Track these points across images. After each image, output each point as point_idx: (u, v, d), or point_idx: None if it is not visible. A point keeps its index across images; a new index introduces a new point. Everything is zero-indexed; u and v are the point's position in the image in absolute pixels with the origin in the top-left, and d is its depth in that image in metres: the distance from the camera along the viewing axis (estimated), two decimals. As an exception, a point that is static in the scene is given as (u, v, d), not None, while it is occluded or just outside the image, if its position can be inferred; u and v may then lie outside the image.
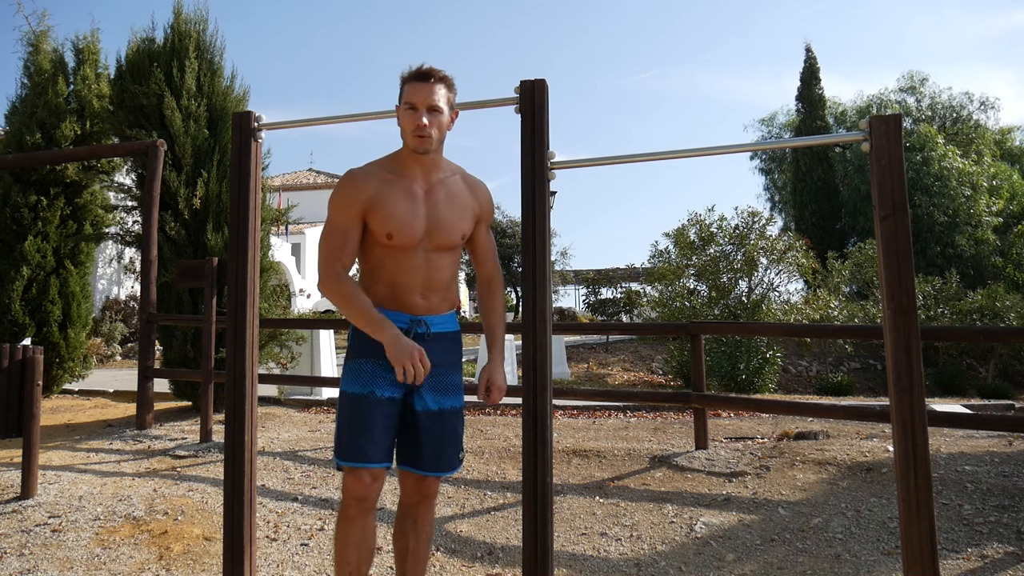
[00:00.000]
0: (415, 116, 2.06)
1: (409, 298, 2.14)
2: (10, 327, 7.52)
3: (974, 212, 21.68)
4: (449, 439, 2.16)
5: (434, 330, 2.16)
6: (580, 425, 6.00)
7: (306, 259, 26.74)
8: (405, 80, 2.12)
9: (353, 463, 2.05)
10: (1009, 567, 2.84)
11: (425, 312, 2.15)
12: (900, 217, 1.82)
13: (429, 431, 2.13)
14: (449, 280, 2.21)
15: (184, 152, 6.91)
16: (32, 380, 3.92)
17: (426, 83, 2.07)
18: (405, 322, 2.12)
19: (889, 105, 27.49)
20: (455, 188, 2.20)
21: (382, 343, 2.01)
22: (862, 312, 13.79)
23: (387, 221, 2.09)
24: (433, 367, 2.08)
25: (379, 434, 2.06)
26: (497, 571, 2.96)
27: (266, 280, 7.26)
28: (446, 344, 2.20)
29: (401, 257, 2.12)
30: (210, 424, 5.47)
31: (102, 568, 2.98)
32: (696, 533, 3.33)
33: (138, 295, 8.06)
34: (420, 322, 2.14)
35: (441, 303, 2.19)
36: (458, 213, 2.17)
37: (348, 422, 2.08)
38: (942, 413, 5.29)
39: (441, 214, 2.13)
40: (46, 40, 8.56)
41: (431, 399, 2.14)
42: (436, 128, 2.08)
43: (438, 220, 2.13)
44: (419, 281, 2.14)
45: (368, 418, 2.06)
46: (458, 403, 2.20)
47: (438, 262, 2.16)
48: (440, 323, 2.19)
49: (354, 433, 2.06)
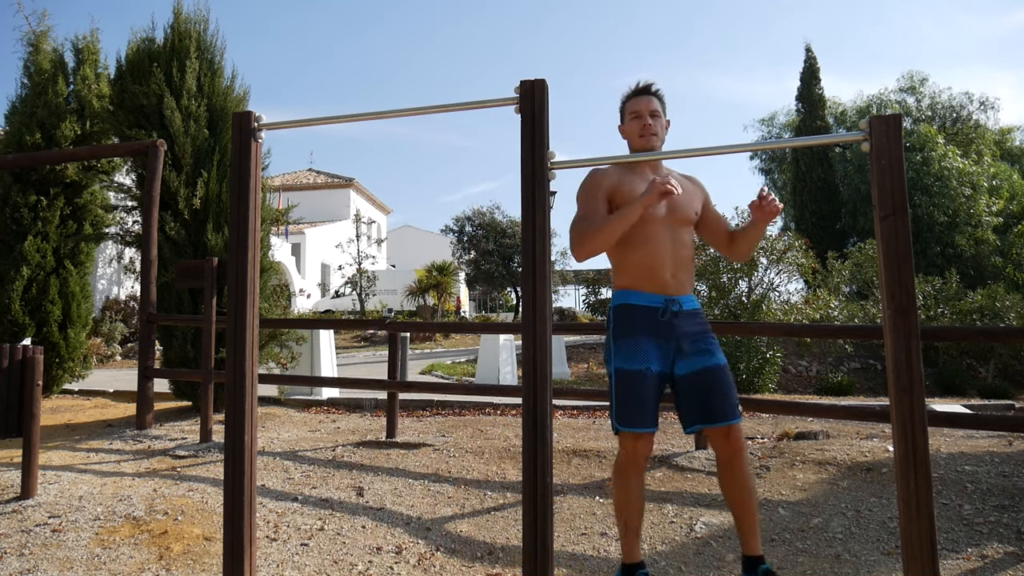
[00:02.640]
0: (641, 120, 2.49)
1: (661, 277, 2.42)
2: (10, 327, 7.52)
3: (974, 212, 21.68)
4: (725, 390, 2.38)
5: (686, 308, 2.45)
6: (580, 425, 6.00)
7: (306, 259, 26.74)
8: (627, 98, 2.57)
9: (630, 428, 2.36)
10: (1009, 567, 2.84)
11: (676, 292, 2.44)
12: (900, 217, 1.82)
13: (707, 386, 2.38)
14: (691, 259, 2.52)
15: (184, 152, 6.91)
16: (32, 380, 3.91)
17: (646, 96, 2.53)
18: (660, 302, 2.41)
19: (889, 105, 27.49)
20: (682, 179, 2.55)
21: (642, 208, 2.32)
22: (862, 312, 13.79)
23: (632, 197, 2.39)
24: (690, 335, 2.41)
25: (649, 404, 2.37)
26: (497, 571, 2.96)
27: (266, 280, 7.26)
28: (696, 318, 2.48)
29: (649, 235, 2.41)
30: (210, 424, 5.47)
31: (102, 568, 2.98)
32: (696, 533, 3.33)
33: (138, 295, 8.06)
34: (674, 301, 2.42)
35: (687, 283, 2.48)
36: (689, 194, 2.52)
37: (628, 393, 2.38)
38: (942, 413, 5.28)
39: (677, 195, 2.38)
40: (46, 40, 8.55)
41: (697, 360, 2.40)
42: (659, 129, 2.49)
43: (674, 199, 2.39)
44: (668, 259, 2.42)
45: (644, 389, 2.36)
46: (723, 360, 2.44)
47: (683, 238, 2.47)
48: (688, 301, 2.47)
49: (634, 403, 2.37)
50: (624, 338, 2.42)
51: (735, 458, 2.38)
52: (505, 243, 24.11)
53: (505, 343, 9.51)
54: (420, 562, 3.04)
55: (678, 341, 2.41)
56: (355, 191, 32.78)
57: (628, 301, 2.46)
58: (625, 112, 2.57)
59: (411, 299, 23.70)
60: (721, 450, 2.41)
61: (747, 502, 2.39)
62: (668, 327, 2.41)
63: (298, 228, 25.57)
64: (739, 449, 2.38)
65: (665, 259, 2.42)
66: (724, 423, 2.36)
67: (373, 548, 3.19)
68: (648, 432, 2.37)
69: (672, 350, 2.41)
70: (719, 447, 2.42)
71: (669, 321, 2.41)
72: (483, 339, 9.61)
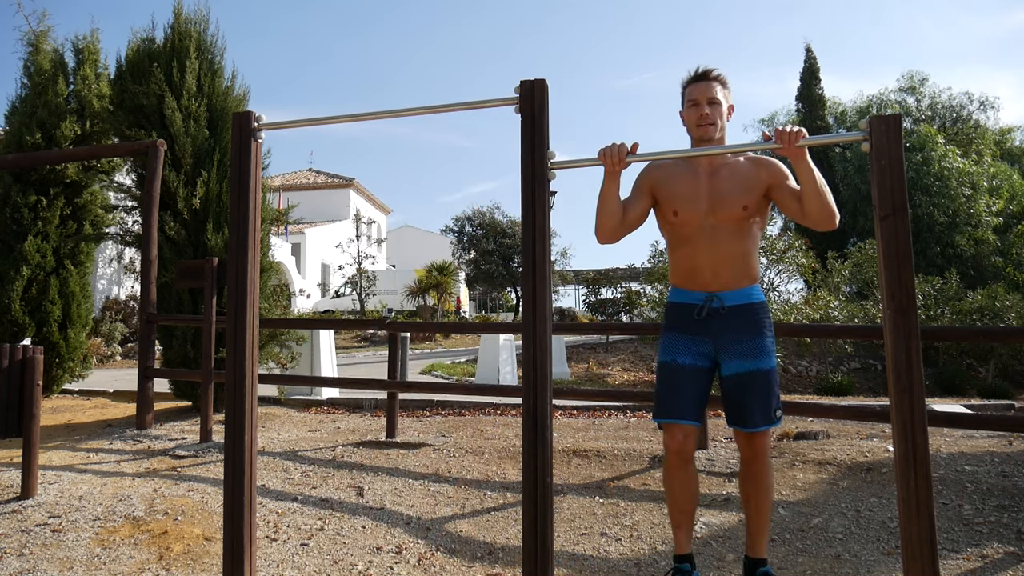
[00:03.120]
0: (698, 109, 2.39)
1: (702, 276, 2.39)
2: (10, 327, 7.52)
3: (974, 212, 21.67)
4: (760, 397, 2.35)
5: (729, 304, 2.37)
6: (580, 425, 6.00)
7: (306, 259, 26.74)
8: (686, 84, 2.46)
9: (664, 419, 2.36)
10: (1009, 567, 2.84)
11: (719, 288, 2.38)
12: (900, 217, 1.82)
13: (745, 390, 2.35)
14: (741, 253, 2.39)
15: (184, 152, 6.91)
16: (32, 380, 3.91)
17: (705, 81, 2.41)
18: (700, 299, 2.39)
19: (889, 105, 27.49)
20: (739, 167, 2.40)
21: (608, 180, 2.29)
22: (862, 312, 13.79)
23: (671, 199, 2.39)
24: (733, 334, 2.36)
25: (684, 396, 2.35)
26: (497, 571, 2.96)
27: (266, 280, 7.26)
28: (746, 316, 2.38)
29: (688, 235, 2.39)
30: (210, 424, 5.47)
31: (102, 568, 2.98)
32: (696, 533, 3.33)
33: (138, 295, 8.06)
34: (714, 297, 2.37)
35: (736, 278, 2.38)
36: (739, 187, 2.36)
37: (660, 385, 2.42)
38: (942, 413, 5.28)
39: (722, 188, 2.35)
40: (46, 40, 8.55)
41: (737, 363, 2.36)
42: (718, 117, 2.38)
43: (719, 194, 2.34)
44: (708, 258, 2.37)
45: (674, 381, 2.38)
46: (766, 364, 2.37)
47: (724, 235, 2.36)
48: (736, 297, 2.38)
49: (664, 395, 2.39)
50: (665, 332, 2.47)
51: (755, 461, 2.40)
52: (505, 243, 24.10)
53: (505, 343, 9.51)
54: (420, 562, 3.04)
55: (718, 339, 2.38)
56: (355, 191, 32.78)
57: (671, 299, 2.51)
58: (684, 98, 2.48)
59: (411, 299, 23.70)
60: (743, 452, 2.44)
61: (760, 505, 2.41)
62: (704, 324, 2.39)
63: (298, 228, 25.56)
64: (760, 454, 2.39)
65: (704, 258, 2.38)
66: (749, 429, 2.36)
67: (373, 548, 3.19)
68: (676, 424, 2.34)
69: (711, 347, 2.40)
70: (742, 449, 2.45)
71: (707, 319, 2.39)
72: (483, 339, 9.61)
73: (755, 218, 2.40)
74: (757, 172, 2.39)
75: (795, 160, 2.16)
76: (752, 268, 2.42)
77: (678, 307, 2.46)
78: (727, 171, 2.39)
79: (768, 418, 2.36)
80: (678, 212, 2.39)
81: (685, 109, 2.45)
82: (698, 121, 2.38)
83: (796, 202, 2.31)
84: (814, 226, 2.32)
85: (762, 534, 2.44)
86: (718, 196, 2.35)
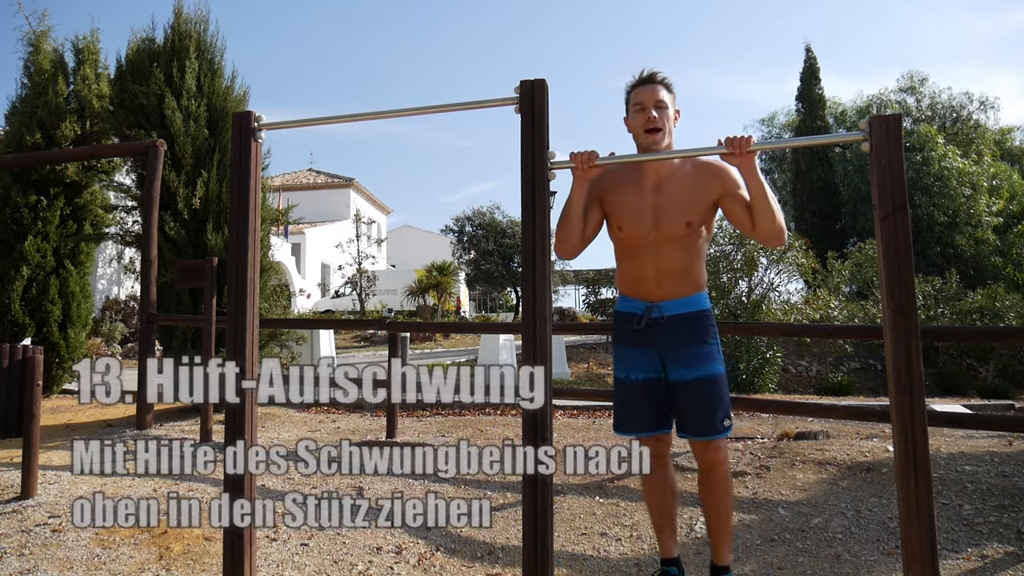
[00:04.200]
0: (644, 113, 2.30)
1: (645, 286, 2.36)
2: (10, 327, 7.52)
3: (974, 212, 21.68)
4: (709, 405, 2.29)
5: (669, 313, 2.33)
6: (580, 425, 6.00)
7: (306, 259, 26.74)
8: (631, 87, 2.38)
9: (623, 433, 2.39)
10: (1009, 567, 2.84)
11: (661, 298, 2.34)
12: (900, 217, 1.82)
13: (688, 400, 2.32)
14: (686, 266, 2.34)
15: (184, 152, 6.91)
16: (32, 380, 3.91)
17: (651, 84, 2.33)
18: (641, 308, 2.37)
19: (889, 105, 27.48)
20: (687, 179, 2.31)
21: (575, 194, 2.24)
22: (862, 312, 13.78)
23: (616, 213, 2.35)
24: (676, 343, 2.31)
25: (641, 410, 2.37)
26: (497, 571, 2.96)
27: (266, 280, 7.26)
28: (687, 325, 2.34)
29: (633, 250, 2.36)
30: (210, 424, 5.46)
31: (102, 568, 2.98)
32: (696, 533, 3.33)
33: (138, 295, 8.06)
34: (654, 307, 2.34)
35: (680, 288, 2.34)
36: (684, 203, 2.28)
37: (616, 400, 2.45)
38: (942, 413, 5.28)
39: (666, 205, 2.29)
40: (46, 40, 8.56)
41: (682, 371, 2.32)
42: (665, 121, 2.30)
43: (663, 210, 2.29)
44: (652, 272, 2.33)
45: (629, 396, 2.40)
46: (709, 371, 2.31)
47: (668, 252, 2.31)
48: (676, 307, 2.34)
49: (620, 409, 2.43)
50: (615, 344, 2.48)
51: (711, 472, 2.38)
52: (505, 243, 24.10)
53: (505, 343, 9.52)
54: (420, 562, 3.04)
55: (662, 348, 2.35)
56: (355, 191, 32.77)
57: (618, 307, 2.49)
58: (629, 103, 2.37)
59: (411, 299, 23.69)
60: (699, 462, 2.44)
61: (719, 513, 2.40)
62: (646, 334, 2.35)
63: (298, 228, 25.56)
64: (715, 464, 2.36)
65: (648, 270, 2.34)
66: (701, 438, 2.34)
67: (373, 548, 3.19)
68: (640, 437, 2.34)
69: (657, 357, 2.36)
70: (698, 458, 2.44)
71: (648, 328, 2.35)
72: (483, 339, 9.61)
73: (700, 230, 2.34)
74: (706, 183, 2.29)
75: (745, 171, 2.12)
76: (697, 276, 2.37)
77: (622, 316, 2.44)
78: (674, 185, 2.30)
79: (713, 427, 2.29)
80: (622, 227, 2.35)
81: (630, 115, 2.35)
82: (645, 125, 2.29)
83: (746, 214, 2.24)
84: (763, 241, 2.29)
85: (723, 541, 2.43)
86: (662, 212, 2.28)
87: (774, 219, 2.18)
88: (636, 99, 2.34)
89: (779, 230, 2.20)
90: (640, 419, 2.38)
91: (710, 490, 2.40)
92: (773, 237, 2.23)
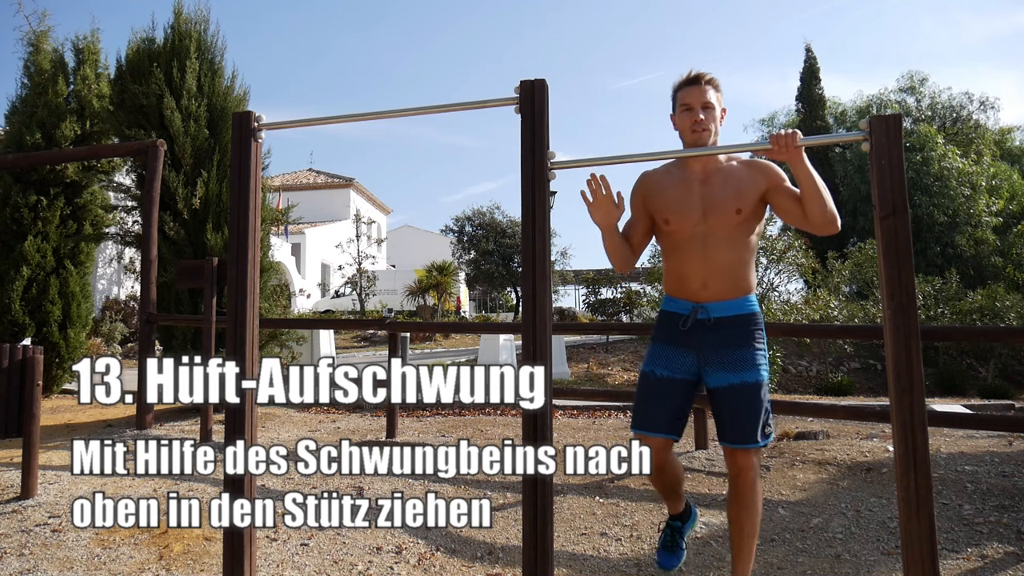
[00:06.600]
0: (692, 114, 2.31)
1: (691, 286, 2.34)
2: (10, 327, 7.52)
3: (974, 212, 21.68)
4: (748, 412, 2.25)
5: (715, 315, 2.31)
6: (580, 425, 6.00)
7: (306, 259, 26.74)
8: (678, 87, 2.39)
9: (636, 430, 2.35)
10: (1009, 567, 2.84)
11: (707, 299, 2.32)
12: (900, 217, 1.82)
13: (726, 405, 2.28)
14: (733, 264, 2.32)
15: (184, 152, 6.91)
16: (32, 380, 3.91)
17: (698, 85, 2.34)
18: (687, 309, 2.35)
19: (889, 105, 27.49)
20: (733, 172, 2.34)
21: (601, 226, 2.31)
22: (862, 312, 13.79)
23: (663, 208, 2.35)
24: (718, 346, 2.29)
25: (657, 409, 2.33)
26: (497, 571, 2.96)
27: (266, 280, 7.26)
28: (733, 328, 2.31)
29: (678, 244, 2.34)
30: (210, 424, 5.47)
31: (102, 568, 2.98)
32: (696, 533, 3.33)
33: (138, 295, 8.06)
34: (701, 308, 2.32)
35: (727, 290, 2.32)
36: (733, 191, 2.29)
37: (637, 395, 2.41)
38: (942, 413, 5.28)
39: (714, 194, 2.30)
40: (46, 40, 8.57)
41: (722, 376, 2.29)
42: (711, 122, 2.31)
43: (711, 200, 2.29)
44: (699, 268, 2.32)
45: (648, 393, 2.36)
46: (752, 377, 2.26)
47: (716, 244, 2.30)
48: (723, 308, 2.32)
49: (638, 405, 2.38)
50: (652, 341, 2.45)
51: (738, 479, 2.31)
52: (505, 243, 24.10)
53: (505, 343, 9.52)
54: (420, 562, 3.04)
55: (702, 350, 2.31)
56: (355, 191, 32.78)
57: (662, 306, 2.48)
58: (676, 102, 2.38)
59: (411, 299, 23.70)
60: (729, 468, 2.38)
61: (743, 527, 2.32)
62: (689, 335, 2.33)
63: (298, 228, 25.56)
64: (743, 471, 2.28)
65: (694, 267, 2.31)
66: (731, 445, 2.29)
67: (373, 548, 3.19)
68: (647, 436, 2.30)
69: (694, 359, 2.33)
70: (728, 464, 2.37)
71: (691, 330, 2.32)
72: (483, 339, 9.61)
73: (750, 225, 2.32)
74: (753, 176, 2.30)
75: (793, 164, 2.10)
76: (745, 279, 2.34)
77: (666, 315, 2.43)
78: (720, 177, 2.31)
79: (751, 436, 2.23)
80: (669, 220, 2.33)
81: (677, 114, 2.37)
82: (692, 127, 2.30)
83: (796, 205, 2.23)
84: (816, 230, 2.23)
85: (746, 561, 2.34)
86: (710, 202, 2.28)
87: (825, 207, 2.16)
88: (683, 100, 2.35)
89: (832, 217, 2.18)
90: (657, 419, 2.32)
91: (740, 499, 2.31)
92: (826, 225, 2.19)
